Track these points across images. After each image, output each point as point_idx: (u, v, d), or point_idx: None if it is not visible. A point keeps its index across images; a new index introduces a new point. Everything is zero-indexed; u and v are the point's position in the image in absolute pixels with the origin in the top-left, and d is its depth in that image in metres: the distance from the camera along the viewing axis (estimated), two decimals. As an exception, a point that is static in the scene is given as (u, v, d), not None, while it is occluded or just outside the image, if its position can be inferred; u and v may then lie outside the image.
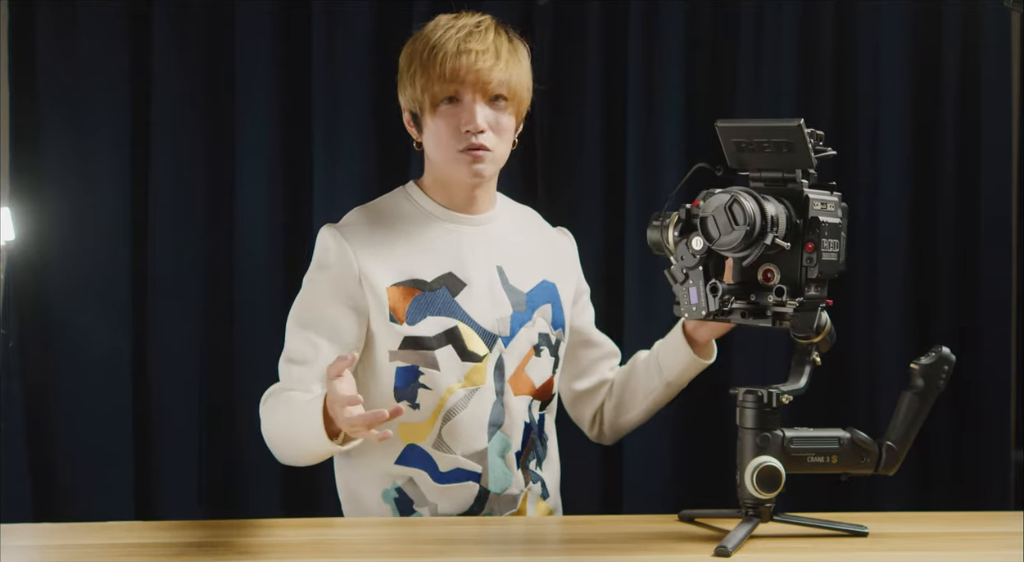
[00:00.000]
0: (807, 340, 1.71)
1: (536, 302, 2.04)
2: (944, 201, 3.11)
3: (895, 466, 1.73)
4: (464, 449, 1.97)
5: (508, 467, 1.99)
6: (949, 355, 1.74)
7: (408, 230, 2.02)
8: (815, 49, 3.09)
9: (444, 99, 1.95)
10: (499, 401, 1.99)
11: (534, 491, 2.04)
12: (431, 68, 1.94)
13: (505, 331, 2.00)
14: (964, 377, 3.03)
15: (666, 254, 1.73)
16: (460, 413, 1.97)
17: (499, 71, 1.95)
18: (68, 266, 2.96)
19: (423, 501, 1.98)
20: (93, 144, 2.97)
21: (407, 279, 1.97)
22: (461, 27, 1.97)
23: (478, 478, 1.98)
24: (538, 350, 2.03)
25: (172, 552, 1.69)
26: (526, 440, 2.02)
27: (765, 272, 1.65)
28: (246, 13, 2.99)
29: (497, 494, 1.99)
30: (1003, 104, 3.11)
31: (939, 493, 3.07)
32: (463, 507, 1.98)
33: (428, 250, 2.00)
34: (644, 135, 3.06)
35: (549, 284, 2.07)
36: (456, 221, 2.03)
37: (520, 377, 2.01)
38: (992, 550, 1.73)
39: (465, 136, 1.95)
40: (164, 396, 3.01)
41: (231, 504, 3.01)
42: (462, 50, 1.94)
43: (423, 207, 2.05)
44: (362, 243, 1.98)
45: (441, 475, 1.97)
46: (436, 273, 1.98)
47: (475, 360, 1.97)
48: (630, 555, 1.69)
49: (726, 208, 1.60)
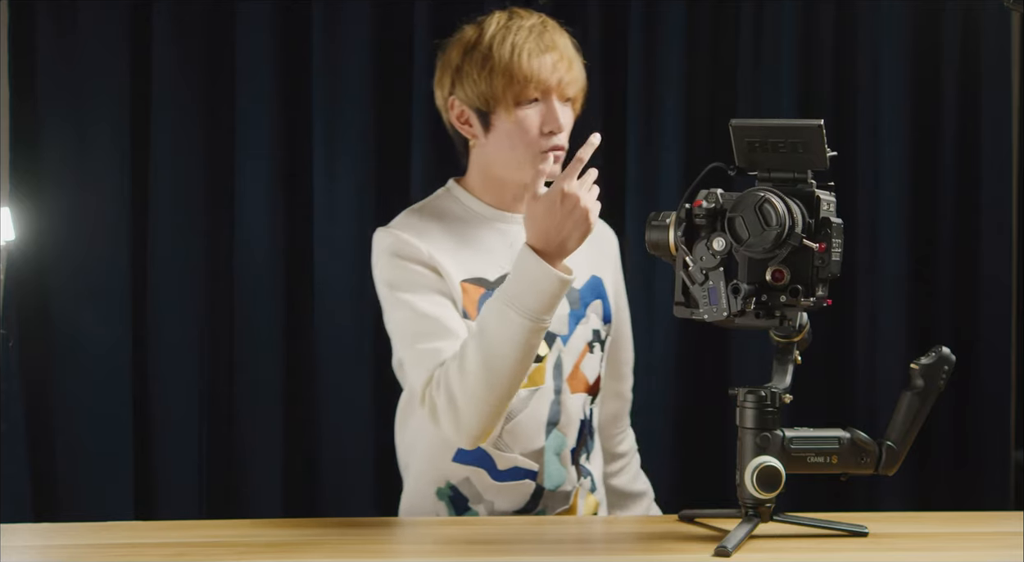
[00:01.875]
0: (787, 339, 1.71)
1: (588, 298, 2.04)
2: (944, 201, 3.11)
3: (895, 466, 1.73)
4: (522, 448, 1.98)
5: (563, 464, 2.00)
6: (949, 355, 1.74)
7: (462, 231, 2.00)
8: (815, 49, 3.09)
9: (527, 100, 1.94)
10: (557, 400, 1.99)
11: (584, 486, 2.05)
12: (515, 68, 1.92)
13: (563, 330, 1.99)
14: (964, 377, 3.03)
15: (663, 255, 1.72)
16: (520, 414, 1.97)
17: (575, 72, 1.97)
18: (68, 266, 2.97)
19: (479, 499, 1.99)
20: (93, 144, 2.97)
21: (474, 276, 1.96)
22: (531, 27, 1.96)
23: (534, 476, 1.99)
24: (591, 346, 2.03)
25: (172, 552, 1.69)
26: (581, 436, 2.03)
27: (775, 273, 1.65)
28: (246, 13, 3.00)
29: (551, 491, 2.00)
30: (1003, 104, 3.11)
31: (939, 493, 3.07)
32: (518, 504, 1.99)
33: (485, 250, 1.99)
34: (644, 135, 3.06)
35: (596, 279, 2.07)
36: (506, 221, 2.02)
37: (576, 375, 2.01)
38: (992, 550, 1.73)
39: (548, 136, 1.95)
40: (164, 396, 3.02)
41: (231, 504, 3.01)
42: (544, 50, 1.94)
43: (471, 208, 2.03)
44: (427, 240, 1.96)
45: (499, 473, 1.98)
46: (497, 273, 1.97)
47: (536, 361, 1.96)
48: (630, 555, 1.69)
49: (756, 209, 1.59)
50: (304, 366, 3.05)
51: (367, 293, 3.04)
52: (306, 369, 3.05)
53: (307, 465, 3.06)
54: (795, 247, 1.61)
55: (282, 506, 3.02)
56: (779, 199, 1.60)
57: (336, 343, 3.03)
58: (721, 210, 1.64)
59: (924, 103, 3.10)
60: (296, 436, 3.05)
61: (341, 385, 3.04)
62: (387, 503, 3.00)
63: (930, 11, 3.08)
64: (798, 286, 1.64)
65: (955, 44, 3.09)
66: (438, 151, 3.02)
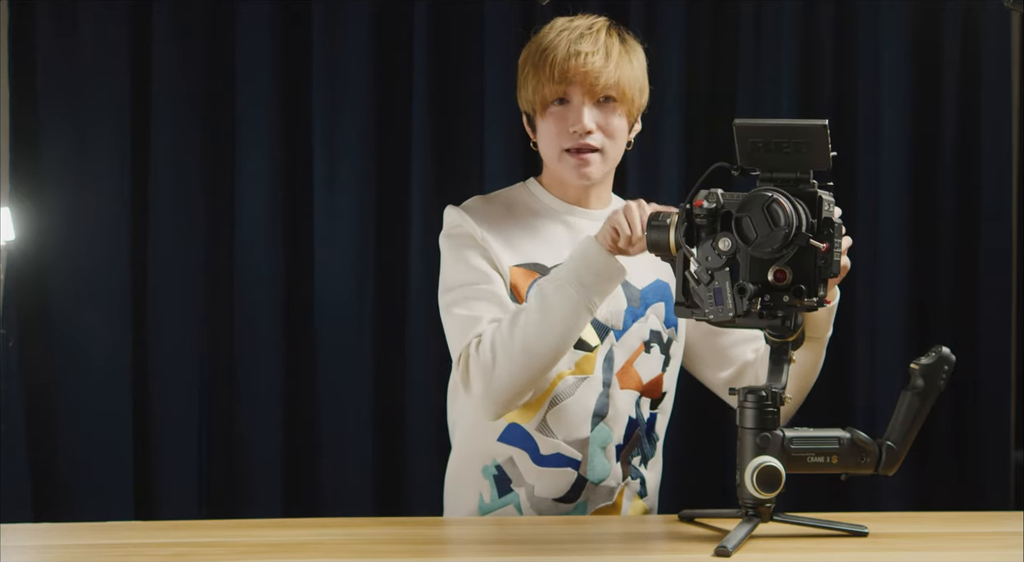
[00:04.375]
0: (782, 339, 1.71)
1: (650, 299, 2.05)
2: (944, 201, 3.11)
3: (895, 466, 1.73)
4: (566, 435, 1.99)
5: (607, 459, 2.00)
6: (949, 355, 1.74)
7: (527, 219, 2.06)
8: (815, 49, 3.09)
9: (554, 100, 1.99)
10: (605, 393, 2.00)
11: (632, 487, 2.05)
12: (542, 70, 1.98)
13: (618, 324, 2.01)
14: (964, 377, 3.03)
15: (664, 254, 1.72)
16: (566, 400, 1.98)
17: (608, 72, 1.97)
18: (68, 266, 2.97)
19: (521, 481, 2.00)
20: (93, 144, 2.97)
21: (528, 261, 2.01)
22: (574, 29, 2.00)
23: (577, 465, 1.99)
24: (648, 346, 2.04)
25: (172, 552, 1.69)
26: (629, 435, 2.03)
27: (777, 273, 1.65)
28: (246, 13, 3.00)
29: (594, 484, 2.00)
30: (1003, 104, 3.11)
31: (939, 493, 3.07)
32: (560, 492, 1.99)
33: (547, 239, 2.04)
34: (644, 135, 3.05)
35: (663, 283, 2.08)
36: (574, 214, 2.07)
37: (628, 371, 2.02)
38: (992, 550, 1.73)
39: (572, 136, 1.99)
40: (164, 396, 3.02)
41: (231, 504, 3.01)
42: (572, 52, 1.97)
43: (541, 201, 2.08)
44: (486, 223, 2.02)
45: (541, 457, 1.99)
46: (555, 260, 2.00)
47: (587, 350, 1.99)
48: (630, 555, 1.69)
49: (764, 209, 1.59)
50: (304, 366, 3.05)
51: (367, 293, 3.06)
52: (306, 369, 3.05)
53: (307, 465, 3.06)
54: (800, 247, 1.61)
55: (282, 506, 3.02)
56: (787, 199, 1.60)
57: (336, 343, 3.03)
58: (722, 210, 1.64)
59: (924, 103, 3.10)
60: (296, 436, 3.05)
61: (341, 385, 3.04)
62: (387, 503, 3.01)
63: (930, 11, 3.08)
64: (801, 286, 1.64)
65: (955, 44, 3.09)
66: (438, 152, 3.02)
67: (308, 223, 3.03)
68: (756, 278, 1.66)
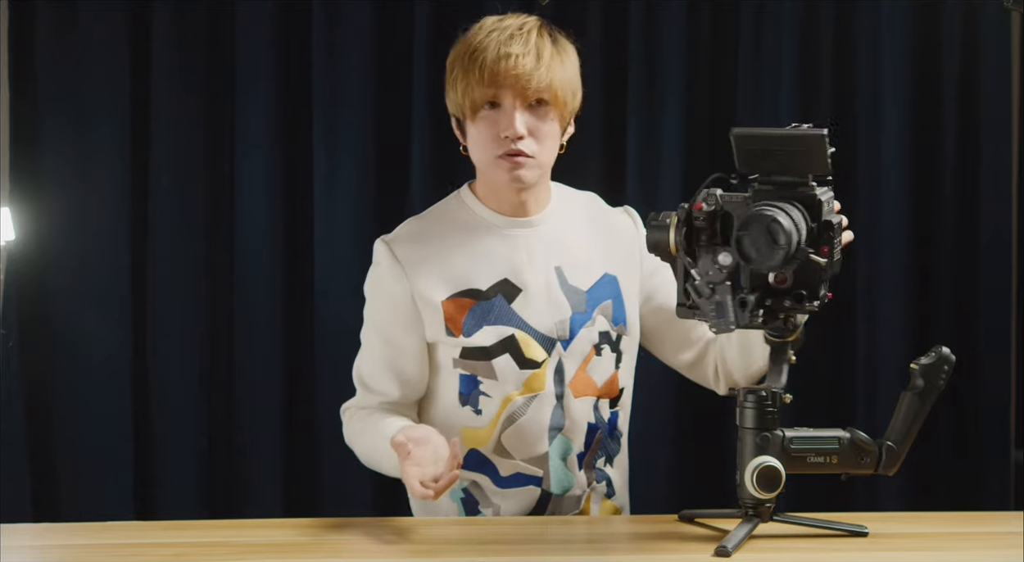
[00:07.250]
0: (782, 339, 1.71)
1: (597, 300, 2.00)
2: (944, 201, 3.11)
3: (895, 466, 1.73)
4: (524, 454, 1.96)
5: (569, 469, 1.98)
6: (949, 355, 1.73)
7: (462, 239, 1.98)
8: (815, 49, 3.09)
9: (485, 104, 1.91)
10: (559, 405, 1.96)
11: (598, 491, 2.02)
12: (471, 72, 1.89)
13: (564, 334, 1.96)
14: (964, 377, 3.03)
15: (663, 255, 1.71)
16: (519, 419, 1.95)
17: (540, 75, 1.89)
18: (68, 266, 2.97)
19: (488, 502, 1.98)
20: (93, 144, 2.97)
21: (461, 290, 1.95)
22: (504, 29, 1.92)
23: (539, 482, 1.97)
24: (599, 349, 1.99)
25: (172, 552, 1.69)
26: (590, 441, 1.99)
27: (778, 276, 1.65)
28: (246, 14, 3.00)
29: (559, 496, 1.98)
30: (1003, 104, 3.11)
31: (939, 493, 3.07)
32: (526, 509, 1.97)
33: (483, 257, 1.97)
34: (644, 135, 3.06)
35: (610, 277, 2.02)
36: (510, 225, 1.99)
37: (581, 378, 1.98)
38: (992, 550, 1.73)
39: (504, 142, 1.91)
40: (164, 396, 3.02)
41: (231, 504, 3.01)
42: (502, 54, 1.88)
43: (477, 214, 2.00)
44: (414, 258, 1.96)
45: (502, 479, 1.97)
46: (491, 281, 1.96)
47: (533, 367, 1.95)
48: (630, 555, 1.69)
49: (764, 229, 1.58)
50: (304, 366, 3.05)
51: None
52: (306, 369, 3.05)
53: (307, 465, 3.05)
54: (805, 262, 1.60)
55: (282, 506, 3.02)
56: (786, 217, 1.59)
57: (336, 343, 3.03)
58: (721, 212, 1.64)
59: (924, 103, 3.09)
60: (296, 436, 3.05)
61: (341, 385, 3.03)
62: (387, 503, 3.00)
63: (930, 11, 3.08)
64: (802, 292, 1.64)
65: (955, 44, 3.09)
66: (438, 151, 3.02)
67: (308, 223, 3.03)
68: (757, 282, 1.66)
